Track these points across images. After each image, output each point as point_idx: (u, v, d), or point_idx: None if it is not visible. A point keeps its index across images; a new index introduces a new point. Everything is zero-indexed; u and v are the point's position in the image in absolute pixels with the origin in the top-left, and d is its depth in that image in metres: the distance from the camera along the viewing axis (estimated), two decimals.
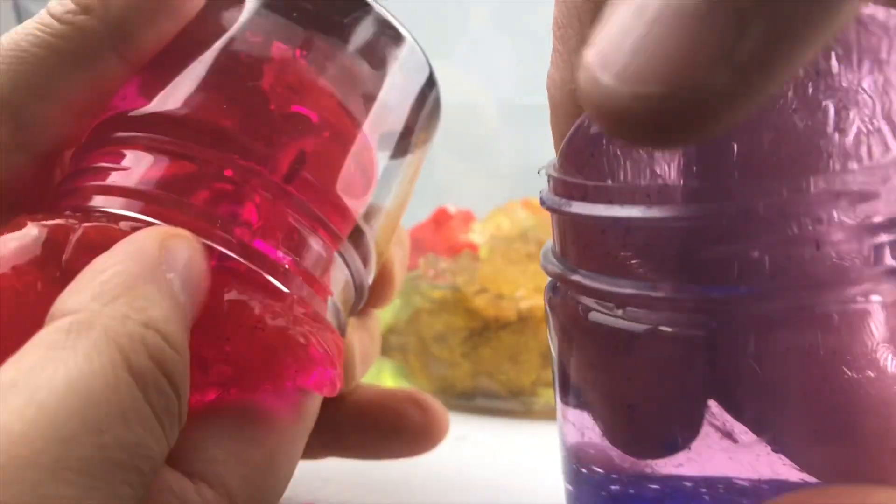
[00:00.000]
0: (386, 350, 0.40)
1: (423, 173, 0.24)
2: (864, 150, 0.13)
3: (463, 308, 0.37)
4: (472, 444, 0.33)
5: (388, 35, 0.22)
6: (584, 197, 0.15)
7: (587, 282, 0.15)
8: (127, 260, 0.16)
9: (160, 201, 0.18)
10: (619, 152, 0.15)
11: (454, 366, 0.37)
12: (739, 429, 0.14)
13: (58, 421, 0.13)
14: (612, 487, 0.16)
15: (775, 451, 0.14)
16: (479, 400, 0.37)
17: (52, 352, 0.14)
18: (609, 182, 0.15)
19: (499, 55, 0.56)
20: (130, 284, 0.15)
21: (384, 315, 0.40)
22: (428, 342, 0.38)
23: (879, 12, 0.13)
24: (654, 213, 0.14)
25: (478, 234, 0.41)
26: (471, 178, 0.56)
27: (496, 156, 0.57)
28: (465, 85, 0.54)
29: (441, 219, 0.41)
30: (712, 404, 0.14)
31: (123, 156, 0.18)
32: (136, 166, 0.18)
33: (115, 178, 0.18)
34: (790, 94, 0.13)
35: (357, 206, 0.21)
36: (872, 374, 0.13)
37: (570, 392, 0.17)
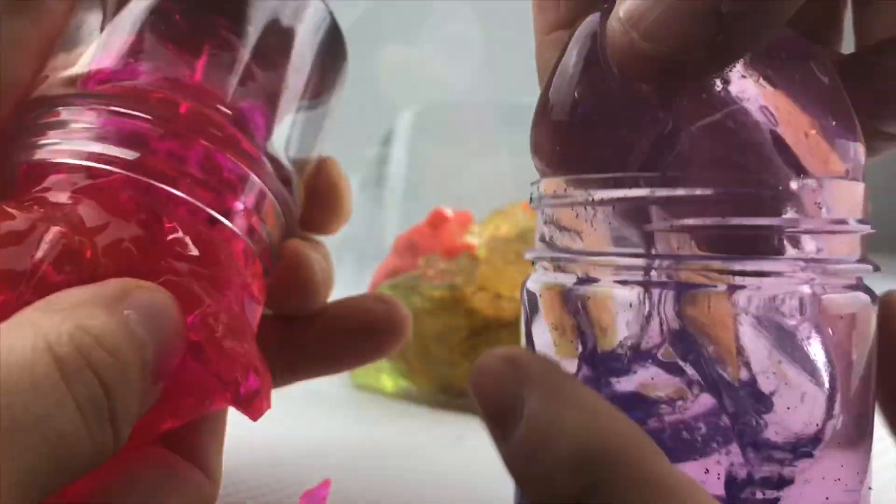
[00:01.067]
0: None
1: (422, 175, 0.25)
2: None
3: (462, 308, 0.37)
4: (471, 444, 0.33)
5: None
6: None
7: None
8: (85, 291, 0.16)
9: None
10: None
11: (454, 365, 0.37)
12: None
13: None
14: None
15: None
16: None
17: None
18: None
19: (499, 55, 0.56)
20: (78, 303, 0.16)
21: None
22: (428, 342, 0.38)
23: None
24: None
25: (476, 237, 0.41)
26: (470, 179, 0.56)
27: (496, 156, 0.57)
28: (466, 85, 0.54)
29: (436, 221, 0.41)
30: None
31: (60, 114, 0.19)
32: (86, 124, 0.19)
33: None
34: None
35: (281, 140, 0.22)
36: None
37: None
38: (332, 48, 0.24)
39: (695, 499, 0.13)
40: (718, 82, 0.17)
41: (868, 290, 0.18)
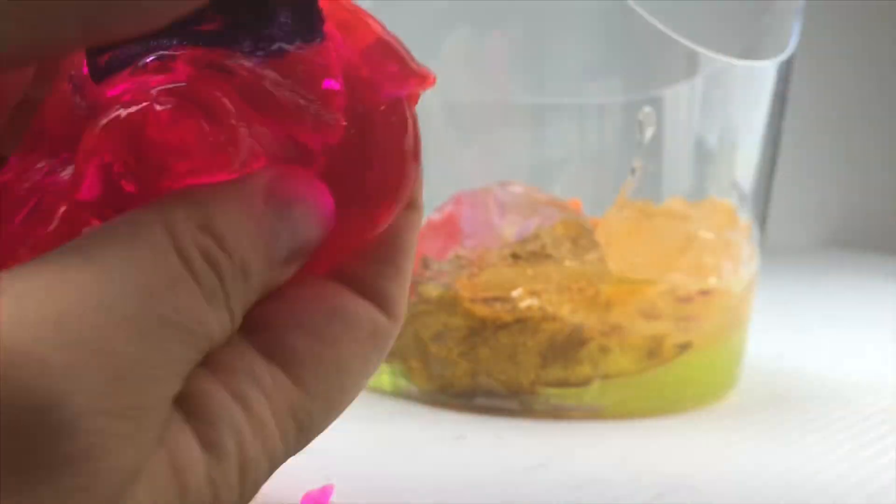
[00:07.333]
0: None
1: (422, 176, 0.24)
2: None
3: (460, 308, 0.37)
4: (471, 443, 0.33)
5: None
6: None
7: None
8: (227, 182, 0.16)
9: None
10: None
11: (453, 365, 0.38)
12: None
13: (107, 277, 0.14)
14: None
15: None
16: (478, 399, 0.38)
17: (103, 230, 0.15)
18: None
19: (498, 54, 0.57)
20: (215, 195, 0.16)
21: None
22: (426, 342, 0.38)
23: None
24: None
25: None
26: (470, 180, 0.56)
27: (497, 157, 0.57)
28: (464, 84, 0.54)
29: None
30: None
31: None
32: None
33: None
34: None
35: None
36: None
37: None
38: None
39: None
40: None
41: None
